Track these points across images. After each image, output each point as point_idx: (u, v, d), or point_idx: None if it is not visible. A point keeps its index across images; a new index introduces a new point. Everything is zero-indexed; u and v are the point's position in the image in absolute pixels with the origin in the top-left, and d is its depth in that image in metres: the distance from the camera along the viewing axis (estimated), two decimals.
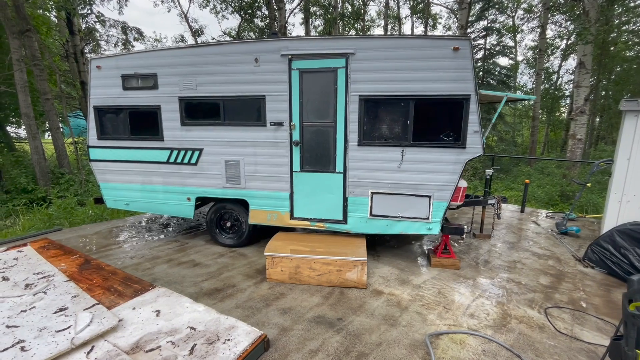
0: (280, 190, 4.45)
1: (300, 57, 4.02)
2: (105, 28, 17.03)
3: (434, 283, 3.89)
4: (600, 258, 4.25)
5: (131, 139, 4.81)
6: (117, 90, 4.67)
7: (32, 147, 9.74)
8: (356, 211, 4.28)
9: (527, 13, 22.51)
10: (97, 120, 4.83)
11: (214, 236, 5.02)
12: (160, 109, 4.60)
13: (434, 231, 4.09)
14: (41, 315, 2.73)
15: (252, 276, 4.02)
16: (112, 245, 5.08)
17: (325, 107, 4.10)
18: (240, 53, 4.17)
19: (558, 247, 5.20)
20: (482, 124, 3.76)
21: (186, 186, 4.77)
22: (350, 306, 3.36)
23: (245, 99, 4.30)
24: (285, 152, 4.32)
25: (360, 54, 3.86)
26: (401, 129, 3.95)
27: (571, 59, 24.85)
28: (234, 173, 4.53)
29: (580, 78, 10.00)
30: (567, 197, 9.96)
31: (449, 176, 3.92)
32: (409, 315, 3.21)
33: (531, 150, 19.21)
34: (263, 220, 4.60)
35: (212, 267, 4.26)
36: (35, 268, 3.69)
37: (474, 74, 3.64)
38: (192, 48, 4.33)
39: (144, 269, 4.22)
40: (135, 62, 4.54)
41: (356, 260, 3.67)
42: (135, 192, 5.01)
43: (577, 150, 10.20)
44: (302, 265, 3.78)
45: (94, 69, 4.67)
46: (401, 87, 3.83)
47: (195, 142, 4.59)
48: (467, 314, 3.25)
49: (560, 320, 3.18)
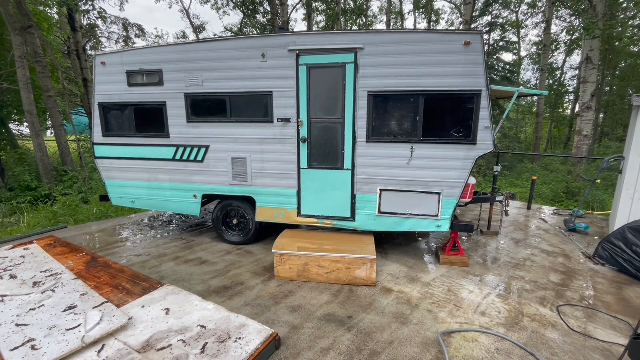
0: (288, 187, 4.41)
1: (307, 52, 3.97)
2: (106, 24, 16.97)
3: (443, 280, 3.85)
4: (611, 255, 4.20)
5: (136, 135, 4.77)
6: (122, 87, 4.63)
7: (36, 144, 9.72)
8: (364, 208, 4.24)
9: (531, 8, 22.29)
10: (101, 116, 4.79)
11: (220, 233, 4.99)
12: (165, 105, 4.56)
13: (443, 228, 4.05)
14: (50, 314, 2.70)
15: (259, 274, 3.99)
16: (117, 243, 5.06)
17: (333, 103, 4.05)
18: (246, 48, 4.12)
19: (567, 244, 5.15)
20: (492, 120, 3.70)
21: (192, 183, 4.74)
22: (359, 304, 3.33)
23: (251, 95, 4.25)
24: (292, 149, 4.27)
25: (369, 49, 3.80)
26: (410, 125, 3.89)
27: (575, 54, 24.64)
28: (240, 170, 4.50)
29: (586, 73, 9.89)
30: (572, 193, 9.90)
31: (459, 172, 3.87)
32: (420, 313, 3.18)
33: (535, 146, 19.10)
34: (270, 217, 4.57)
35: (219, 265, 4.24)
36: (42, 266, 3.67)
37: (485, 69, 3.58)
38: (198, 43, 4.28)
39: (150, 267, 4.20)
40: (140, 58, 4.49)
41: (365, 257, 3.64)
42: (141, 189, 4.98)
43: (583, 147, 10.11)
44: (311, 262, 3.75)
45: (98, 65, 4.62)
46: (411, 83, 3.77)
47: (201, 139, 4.55)
48: (478, 312, 3.22)
49: (573, 318, 3.14)
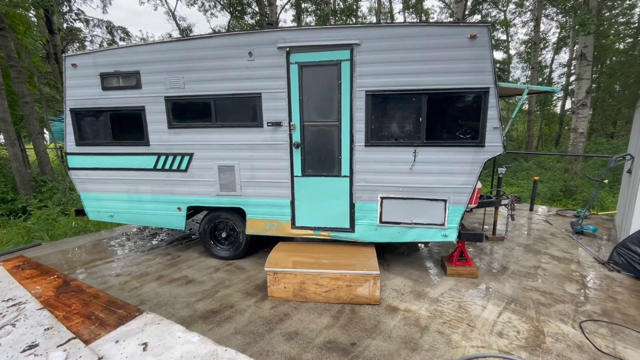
0: (280, 197, 4.06)
1: (299, 50, 3.63)
2: (89, 28, 16.37)
3: (453, 295, 3.54)
4: (627, 261, 3.95)
5: (113, 144, 4.35)
6: (96, 91, 4.21)
7: (12, 154, 9.15)
8: (364, 218, 3.91)
9: (519, 7, 22.41)
10: (74, 124, 4.37)
11: (208, 248, 4.60)
12: (144, 110, 4.16)
13: (450, 238, 3.74)
14: (7, 355, 2.30)
15: (251, 294, 3.62)
16: (96, 261, 4.63)
17: (329, 105, 3.71)
18: (232, 46, 3.76)
19: (577, 248, 4.90)
20: (502, 120, 3.41)
21: (176, 195, 4.34)
22: (364, 327, 3.00)
23: (238, 98, 3.89)
24: (284, 155, 3.92)
25: (367, 45, 3.47)
26: (413, 126, 3.58)
27: (563, 52, 24.86)
28: (228, 179, 4.12)
29: (581, 70, 9.76)
30: (570, 192, 9.75)
31: (467, 177, 3.57)
32: (431, 337, 2.85)
33: (528, 144, 19.08)
34: (262, 230, 4.20)
35: (207, 284, 3.86)
36: (6, 294, 3.23)
37: (493, 65, 3.28)
38: (179, 42, 3.90)
39: (130, 289, 3.79)
40: (115, 59, 4.09)
41: (368, 274, 3.31)
42: (120, 202, 4.56)
43: (579, 144, 9.97)
44: (308, 281, 3.40)
45: (68, 67, 4.20)
46: (412, 81, 3.46)
47: (184, 147, 4.16)
48: (495, 333, 2.91)
49: (599, 337, 2.85)
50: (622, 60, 18.85)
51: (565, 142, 20.30)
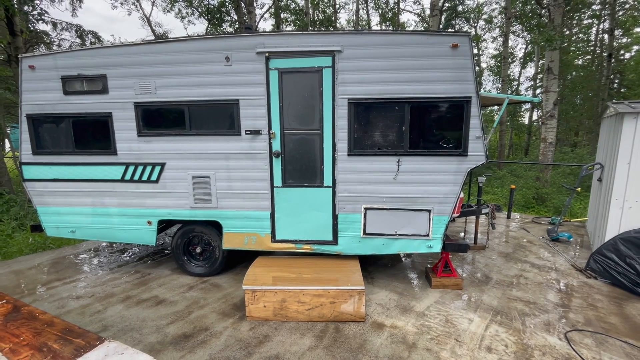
0: (259, 209, 3.85)
1: (279, 55, 3.49)
2: (56, 31, 15.53)
3: (439, 309, 3.44)
4: (603, 268, 4.03)
5: (76, 153, 4.00)
6: (57, 95, 3.87)
7: None
8: (348, 230, 3.77)
9: (488, 23, 23.66)
10: (31, 131, 3.99)
11: (181, 265, 4.29)
12: (111, 117, 3.86)
13: (435, 249, 3.67)
14: None
15: (228, 314, 3.36)
16: (54, 282, 4.19)
17: (310, 113, 3.58)
18: (207, 50, 3.57)
19: (555, 256, 4.98)
20: (484, 129, 3.41)
21: (146, 207, 4.03)
22: (349, 347, 2.82)
23: (214, 104, 3.69)
24: (264, 165, 3.74)
25: (349, 52, 3.39)
26: (396, 135, 3.51)
27: (529, 67, 26.35)
28: (203, 191, 3.87)
29: (548, 83, 10.26)
30: (542, 199, 10.10)
31: (450, 187, 3.52)
32: (419, 355, 2.72)
33: (500, 153, 19.83)
34: (239, 244, 3.96)
35: (179, 305, 3.56)
36: None
37: (475, 74, 3.29)
38: (150, 45, 3.66)
39: (92, 313, 3.42)
40: (79, 62, 3.78)
41: (352, 289, 3.15)
42: (83, 216, 4.18)
43: (549, 153, 10.40)
44: (289, 298, 3.19)
45: (25, 70, 3.84)
46: (395, 89, 3.40)
47: (155, 156, 3.88)
48: (484, 348, 2.82)
49: (585, 347, 2.83)
50: (582, 75, 20.23)
51: (533, 151, 21.31)
